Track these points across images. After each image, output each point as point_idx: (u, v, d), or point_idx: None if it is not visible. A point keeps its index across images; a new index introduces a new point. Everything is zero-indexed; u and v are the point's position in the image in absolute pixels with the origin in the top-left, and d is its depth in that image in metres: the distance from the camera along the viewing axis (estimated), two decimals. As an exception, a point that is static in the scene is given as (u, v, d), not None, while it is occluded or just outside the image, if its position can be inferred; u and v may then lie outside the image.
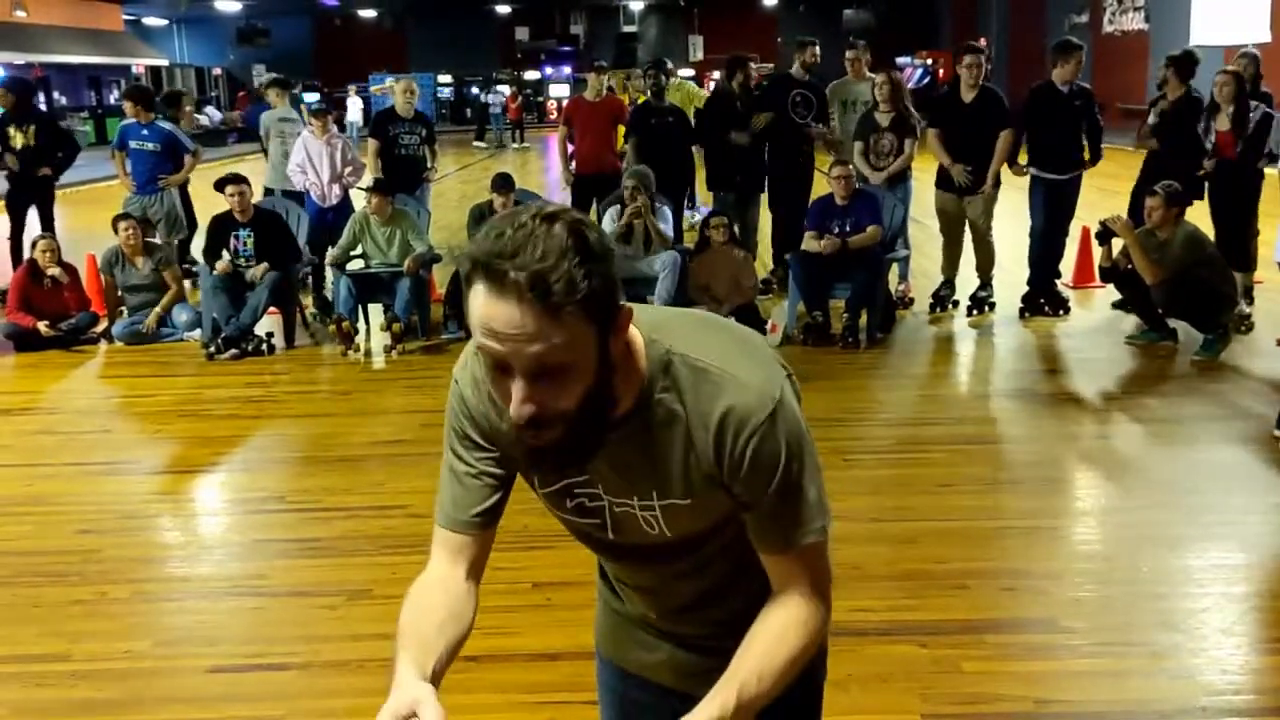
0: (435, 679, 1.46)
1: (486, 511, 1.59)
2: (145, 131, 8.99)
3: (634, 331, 1.44)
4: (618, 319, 1.36)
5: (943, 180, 7.94)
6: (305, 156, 8.76)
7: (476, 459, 1.58)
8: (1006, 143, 7.68)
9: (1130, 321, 7.36)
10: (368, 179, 8.77)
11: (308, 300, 8.52)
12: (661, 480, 1.49)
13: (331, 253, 7.80)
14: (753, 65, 8.75)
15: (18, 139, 9.21)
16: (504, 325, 1.28)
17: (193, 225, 9.27)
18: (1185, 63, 7.83)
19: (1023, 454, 5.38)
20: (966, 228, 7.96)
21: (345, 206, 8.79)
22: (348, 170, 8.87)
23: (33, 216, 9.44)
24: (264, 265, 7.47)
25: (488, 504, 1.59)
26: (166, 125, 9.47)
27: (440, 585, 1.57)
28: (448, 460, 1.60)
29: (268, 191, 9.39)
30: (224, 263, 7.48)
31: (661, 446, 1.47)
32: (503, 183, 7.78)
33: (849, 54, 8.88)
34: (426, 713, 1.36)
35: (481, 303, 1.30)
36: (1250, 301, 7.69)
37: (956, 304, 8.15)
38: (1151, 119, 7.83)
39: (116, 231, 7.86)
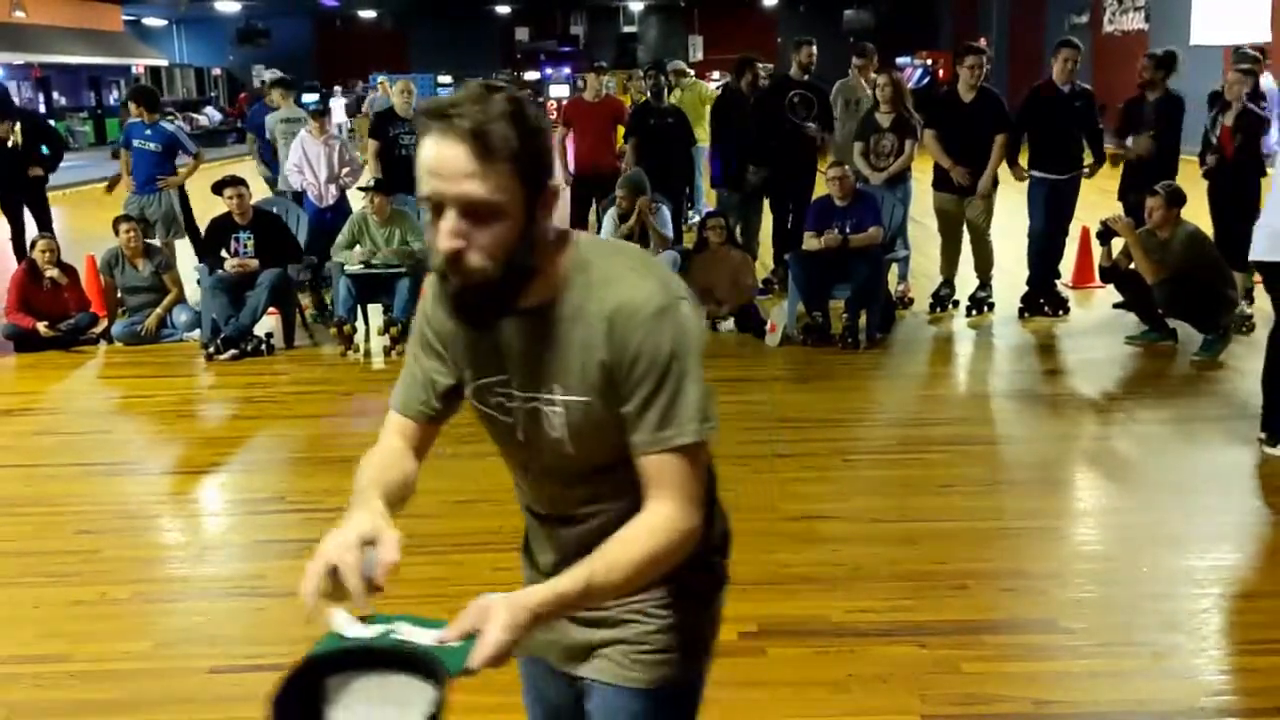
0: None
1: (431, 406, 1.76)
2: (149, 131, 9.00)
3: (567, 237, 1.60)
4: (545, 192, 1.52)
5: (941, 181, 7.94)
6: (303, 157, 8.77)
7: (428, 365, 1.75)
8: (1002, 146, 7.68)
9: (1130, 321, 7.35)
10: (366, 178, 8.78)
11: (307, 301, 8.53)
12: (565, 373, 1.59)
13: (334, 252, 7.81)
14: (760, 66, 8.73)
15: (8, 138, 9.22)
16: (445, 163, 1.46)
17: (191, 229, 9.26)
18: (1169, 62, 7.77)
19: (1022, 454, 5.38)
20: (965, 228, 7.96)
21: (342, 207, 8.81)
22: (345, 171, 8.88)
23: (30, 217, 9.45)
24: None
25: (433, 401, 1.76)
26: (170, 126, 9.49)
27: (391, 451, 1.76)
28: (408, 357, 1.79)
29: (280, 194, 9.42)
30: (236, 261, 7.48)
31: (568, 337, 1.58)
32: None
33: (857, 60, 8.88)
34: (386, 543, 1.47)
35: (429, 147, 1.48)
36: (1250, 302, 7.68)
37: (956, 304, 8.15)
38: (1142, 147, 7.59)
39: (117, 233, 7.86)
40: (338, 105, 28.68)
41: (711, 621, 1.81)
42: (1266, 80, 8.74)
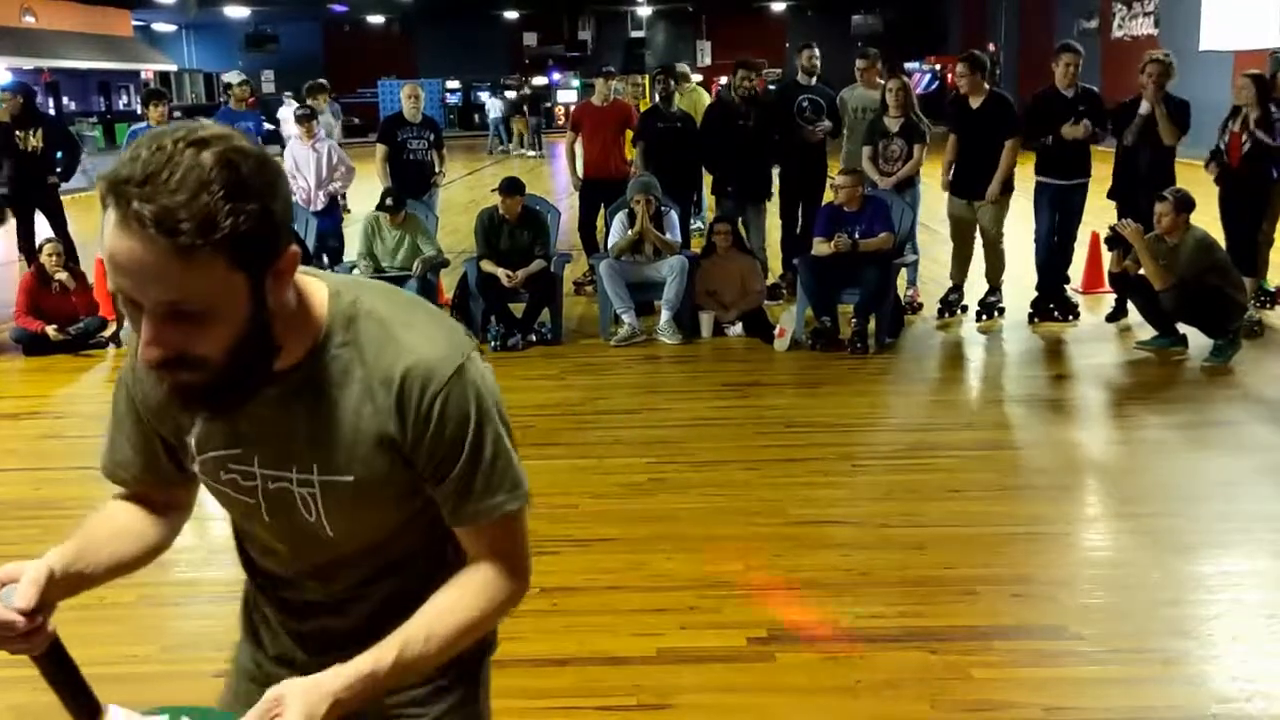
0: (77, 577, 1.40)
1: (135, 467, 1.54)
2: None
3: (316, 281, 1.35)
4: (277, 263, 1.21)
5: (954, 185, 7.92)
6: (292, 163, 8.79)
7: (127, 422, 1.54)
8: (1013, 150, 7.66)
9: (1140, 326, 7.32)
10: (362, 185, 8.80)
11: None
12: (326, 447, 1.35)
13: (357, 263, 7.85)
14: (749, 70, 8.64)
15: (27, 142, 9.24)
16: (127, 260, 1.14)
17: None
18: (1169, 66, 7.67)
19: (1032, 460, 5.36)
20: (977, 234, 7.94)
21: (333, 212, 8.83)
22: (335, 175, 8.88)
23: (43, 223, 9.47)
24: None
25: (134, 462, 1.54)
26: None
27: (122, 508, 1.59)
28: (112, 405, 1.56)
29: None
30: None
31: (331, 406, 1.34)
32: (510, 187, 7.78)
33: (860, 63, 8.86)
34: (22, 587, 1.29)
35: (109, 232, 1.15)
36: (1260, 306, 7.66)
37: (965, 309, 8.12)
38: (1144, 108, 7.42)
39: None
40: (286, 112, 28.04)
41: (487, 696, 1.65)
42: None
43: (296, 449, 1.36)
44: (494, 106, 30.04)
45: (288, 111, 13.84)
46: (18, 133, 9.23)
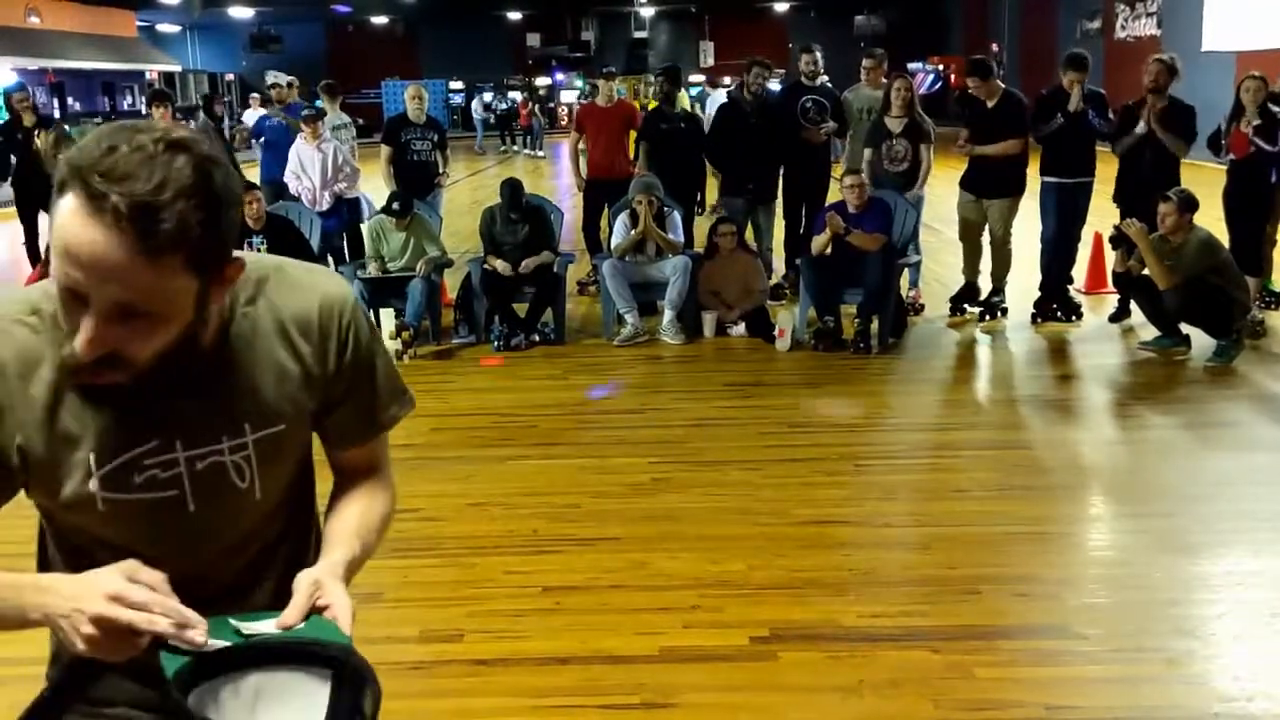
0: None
1: None
2: None
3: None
4: (226, 271, 1.24)
5: (966, 182, 7.92)
6: (298, 162, 8.79)
7: None
8: (1013, 145, 7.68)
9: (1139, 324, 7.33)
10: (365, 186, 8.80)
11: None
12: (255, 403, 1.39)
13: (366, 265, 7.86)
14: (758, 70, 8.65)
15: (41, 143, 9.27)
16: (90, 253, 1.12)
17: None
18: (1174, 68, 7.66)
19: (1035, 460, 5.36)
20: (985, 233, 7.94)
21: (339, 212, 8.83)
22: (340, 176, 8.88)
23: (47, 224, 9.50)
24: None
25: None
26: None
27: None
28: None
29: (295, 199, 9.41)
30: None
31: (252, 364, 1.37)
32: (511, 191, 7.79)
33: (866, 63, 8.86)
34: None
35: (69, 220, 1.13)
36: (1263, 306, 7.66)
37: (980, 304, 8.09)
38: (1140, 128, 7.41)
39: None
40: (251, 116, 27.19)
41: None
42: None
43: (223, 418, 1.38)
44: (478, 108, 30.22)
45: (253, 115, 13.84)
46: (35, 134, 9.28)
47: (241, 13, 34.06)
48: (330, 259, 8.76)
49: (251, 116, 13.36)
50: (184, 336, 1.25)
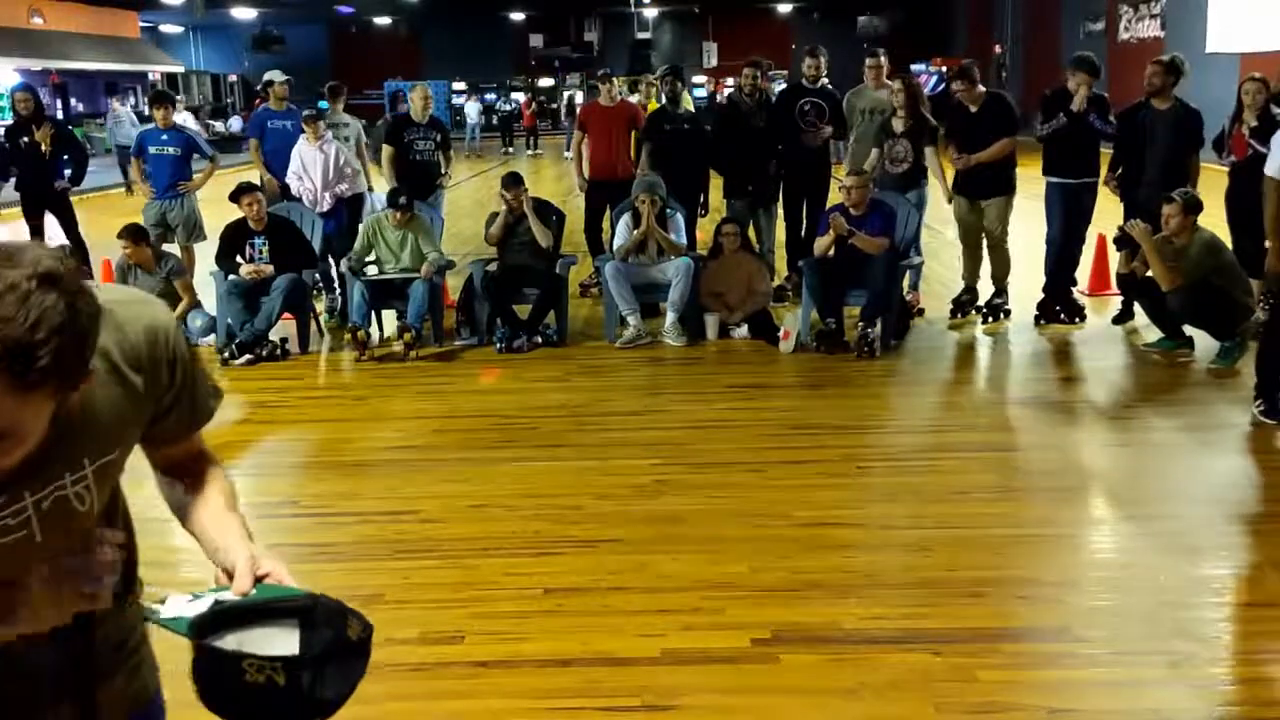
0: None
1: None
2: (165, 136, 9.01)
3: None
4: (82, 382, 1.27)
5: (960, 185, 7.93)
6: (299, 164, 8.78)
7: None
8: (1004, 147, 7.70)
9: (1143, 325, 7.32)
10: (372, 184, 8.78)
11: (320, 306, 8.54)
12: (93, 440, 1.43)
13: (346, 261, 7.83)
14: (748, 70, 8.65)
15: (41, 142, 9.27)
16: None
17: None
18: (1178, 70, 7.63)
19: (1037, 462, 5.35)
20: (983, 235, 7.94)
21: (339, 213, 8.82)
22: (342, 177, 8.86)
23: (55, 228, 9.50)
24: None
25: None
26: (188, 130, 9.55)
27: None
28: None
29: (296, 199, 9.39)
30: (251, 266, 7.51)
31: (89, 407, 1.40)
32: (512, 181, 7.80)
33: (869, 62, 8.86)
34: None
35: None
36: (1266, 308, 7.63)
37: (979, 309, 8.09)
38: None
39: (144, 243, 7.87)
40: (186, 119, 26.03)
41: None
42: None
43: (64, 459, 1.41)
44: (472, 111, 30.31)
45: (185, 117, 13.43)
46: (34, 131, 9.27)
47: (245, 13, 34.10)
48: (331, 259, 8.75)
49: (185, 118, 12.87)
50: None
